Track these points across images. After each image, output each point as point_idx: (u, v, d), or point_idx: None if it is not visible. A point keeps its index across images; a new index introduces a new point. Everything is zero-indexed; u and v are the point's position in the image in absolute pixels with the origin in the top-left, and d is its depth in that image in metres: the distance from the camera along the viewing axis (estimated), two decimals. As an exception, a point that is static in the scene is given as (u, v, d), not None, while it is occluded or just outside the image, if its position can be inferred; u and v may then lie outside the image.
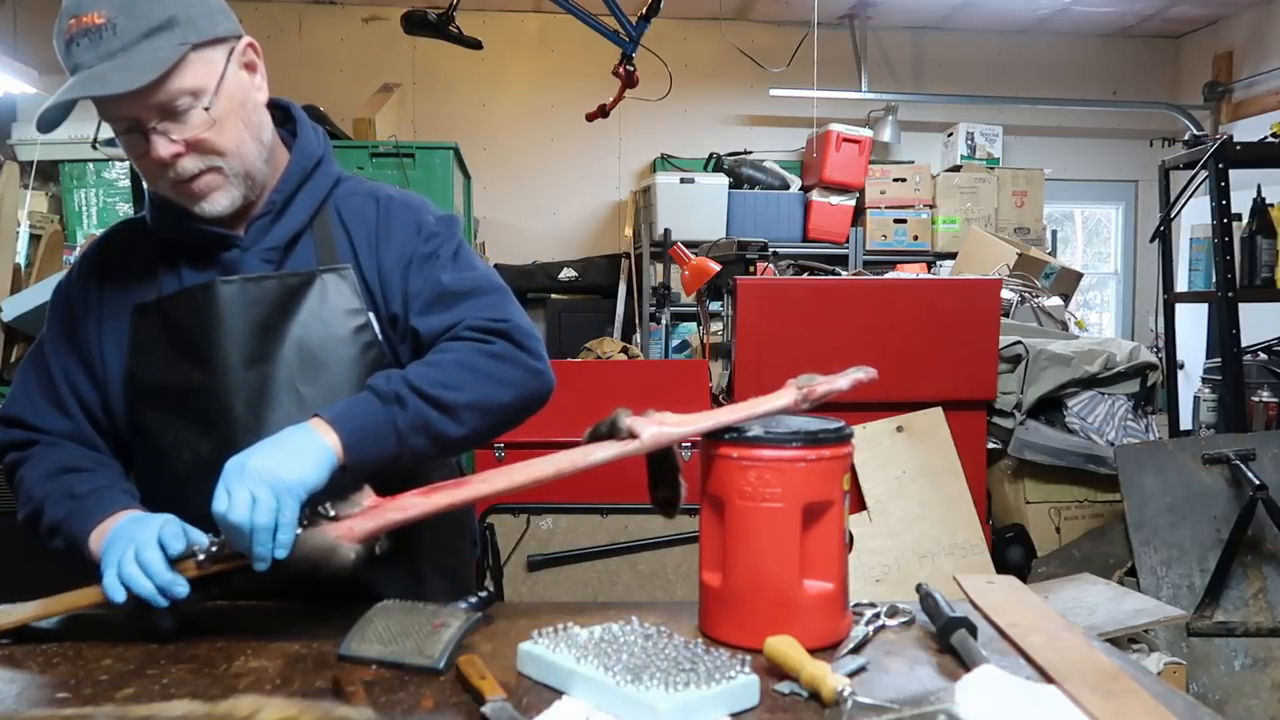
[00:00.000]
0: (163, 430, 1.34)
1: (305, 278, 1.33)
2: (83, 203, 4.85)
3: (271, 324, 1.31)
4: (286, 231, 1.36)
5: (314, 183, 1.38)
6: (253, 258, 1.34)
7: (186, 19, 1.22)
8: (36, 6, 5.44)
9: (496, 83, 5.83)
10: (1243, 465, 2.83)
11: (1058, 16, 5.82)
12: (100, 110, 1.24)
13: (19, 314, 3.25)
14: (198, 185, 1.27)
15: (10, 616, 1.22)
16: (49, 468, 1.34)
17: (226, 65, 1.27)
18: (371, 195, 1.41)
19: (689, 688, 0.97)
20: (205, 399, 1.31)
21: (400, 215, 1.39)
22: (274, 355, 1.31)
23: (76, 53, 1.20)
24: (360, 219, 1.39)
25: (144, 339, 1.34)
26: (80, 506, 1.28)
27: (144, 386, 1.34)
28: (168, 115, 1.23)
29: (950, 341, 3.12)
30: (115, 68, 1.18)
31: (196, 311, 1.31)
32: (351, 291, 1.34)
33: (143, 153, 1.25)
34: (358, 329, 1.34)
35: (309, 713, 0.93)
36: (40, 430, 1.38)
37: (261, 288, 1.32)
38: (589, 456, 1.19)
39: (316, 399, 1.30)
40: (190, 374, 1.32)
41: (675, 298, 4.72)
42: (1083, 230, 6.85)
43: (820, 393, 1.22)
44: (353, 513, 1.17)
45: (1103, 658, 1.12)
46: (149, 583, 1.16)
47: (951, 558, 3.03)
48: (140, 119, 1.22)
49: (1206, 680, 2.74)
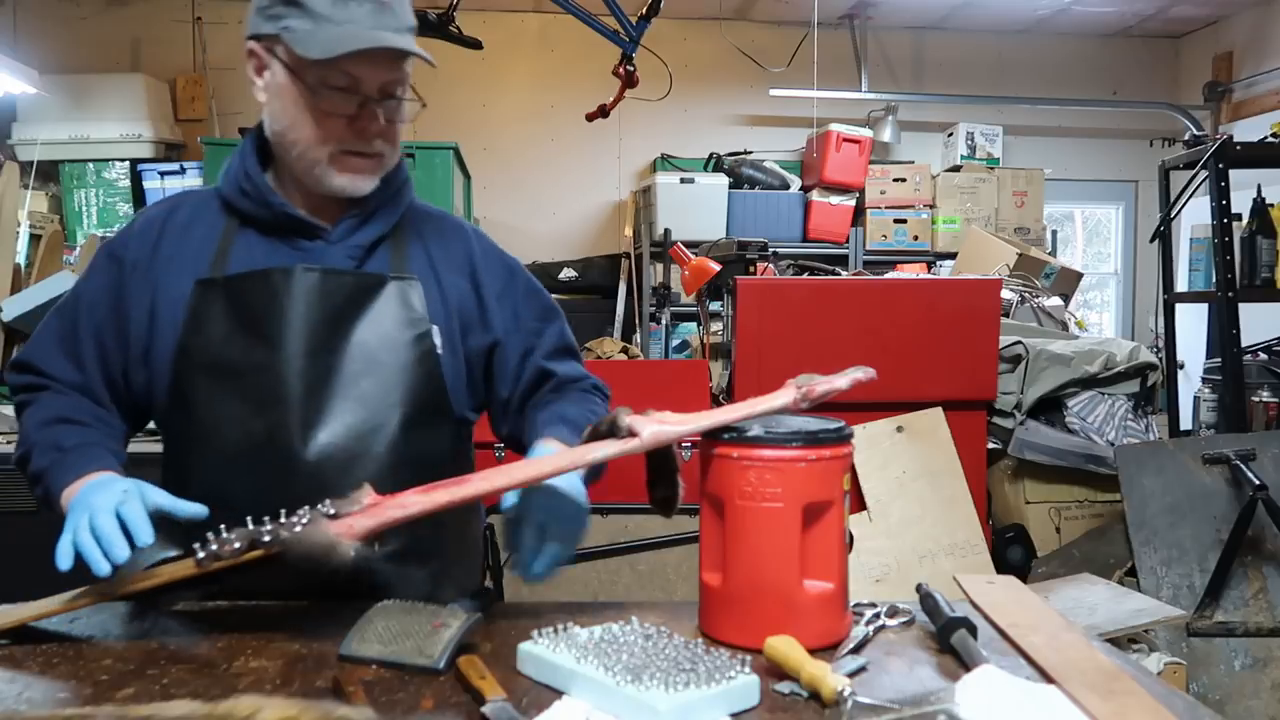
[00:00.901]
0: (212, 405, 1.36)
1: (379, 280, 1.40)
2: (83, 203, 4.86)
3: (341, 318, 1.36)
4: (371, 234, 1.42)
5: (401, 196, 1.46)
6: (338, 252, 1.40)
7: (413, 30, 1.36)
8: (36, 6, 5.44)
9: (496, 83, 5.83)
10: (1243, 465, 2.83)
11: (1058, 16, 5.82)
12: (338, 64, 1.28)
13: (19, 314, 3.25)
14: (363, 162, 1.36)
15: (10, 616, 1.22)
16: (47, 415, 1.37)
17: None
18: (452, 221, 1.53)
19: (689, 688, 0.97)
20: (266, 379, 1.34)
21: (492, 250, 1.52)
22: (339, 348, 1.36)
23: (356, 13, 1.28)
24: (444, 240, 1.48)
25: (206, 313, 1.36)
26: (62, 460, 1.30)
27: (198, 360, 1.36)
28: (388, 97, 1.33)
29: (950, 341, 3.11)
30: (405, 43, 1.30)
31: (273, 293, 1.35)
32: (419, 302, 1.41)
33: (341, 113, 1.31)
34: (417, 338, 1.40)
35: (309, 713, 0.93)
36: (50, 377, 1.41)
37: (340, 282, 1.37)
38: (589, 455, 1.20)
39: (371, 396, 1.36)
40: (253, 353, 1.35)
41: (675, 298, 4.72)
42: (1083, 230, 6.85)
43: (819, 392, 1.22)
44: (352, 510, 1.17)
45: (1103, 658, 1.12)
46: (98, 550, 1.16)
47: (951, 558, 3.03)
48: (365, 86, 1.31)
49: (1206, 680, 2.74)
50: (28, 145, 4.71)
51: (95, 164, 4.85)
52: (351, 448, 1.35)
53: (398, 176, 1.45)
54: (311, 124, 1.32)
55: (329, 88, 1.30)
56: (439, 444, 1.43)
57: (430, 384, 1.40)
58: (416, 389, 1.39)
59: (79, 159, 4.84)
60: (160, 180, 4.84)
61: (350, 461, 1.34)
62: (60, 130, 4.80)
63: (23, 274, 3.71)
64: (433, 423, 1.42)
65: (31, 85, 4.32)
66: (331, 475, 1.31)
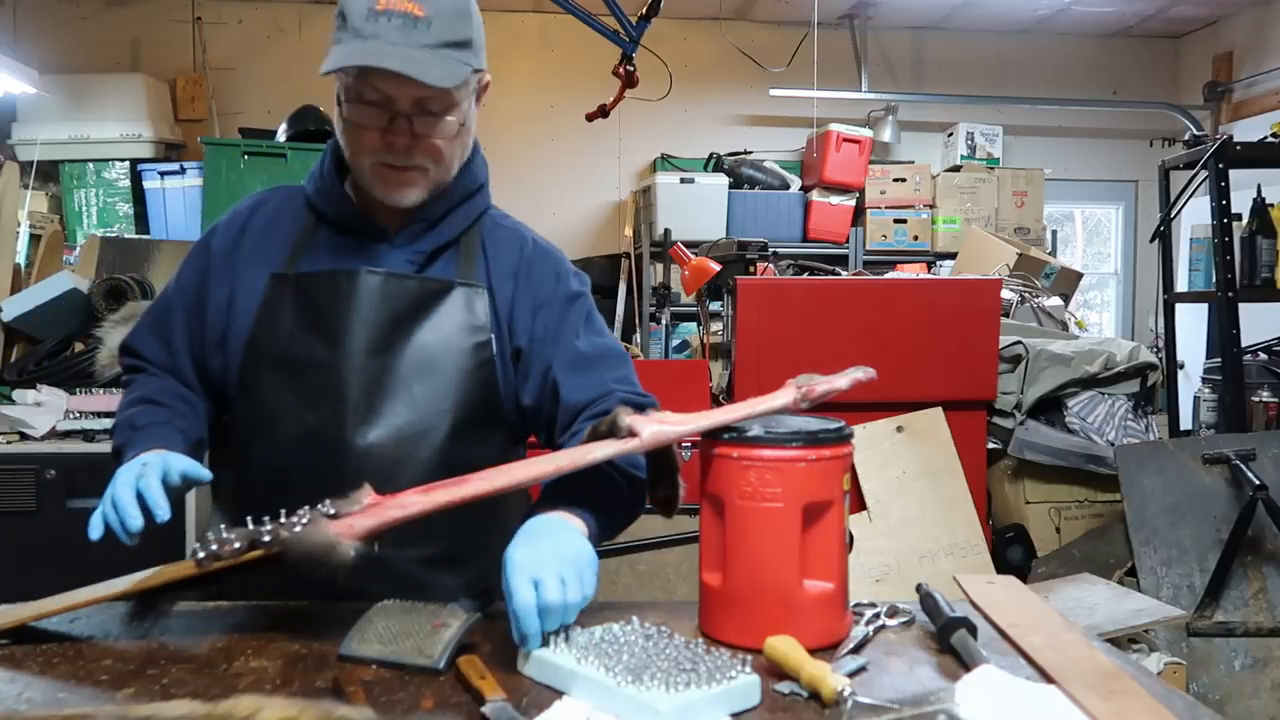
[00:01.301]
0: (273, 395, 1.39)
1: (443, 286, 1.42)
2: (83, 203, 4.85)
3: (402, 320, 1.39)
4: (436, 241, 1.44)
5: (471, 205, 1.48)
6: (399, 256, 1.42)
7: (476, 46, 1.36)
8: (36, 6, 5.44)
9: (496, 83, 5.75)
10: (1243, 465, 2.83)
11: (1058, 16, 5.82)
12: (370, 79, 1.30)
13: (19, 314, 3.24)
14: (404, 176, 1.36)
15: (10, 616, 1.22)
16: (136, 395, 1.44)
17: (474, 92, 1.40)
18: (517, 232, 1.52)
19: (690, 688, 0.97)
20: (324, 375, 1.37)
21: (543, 259, 1.50)
22: (397, 350, 1.38)
23: (385, 27, 1.28)
24: (503, 251, 1.48)
25: (275, 306, 1.40)
26: (132, 438, 1.35)
27: (265, 351, 1.40)
28: (423, 112, 1.33)
29: (950, 341, 3.11)
30: (425, 59, 1.28)
31: (338, 293, 1.38)
32: (483, 310, 1.42)
33: (375, 127, 1.33)
34: (478, 345, 1.41)
35: (309, 713, 0.93)
36: (145, 359, 1.48)
37: (403, 285, 1.40)
38: (588, 455, 1.20)
39: (425, 400, 1.38)
40: (314, 349, 1.38)
41: (675, 298, 4.72)
42: (1083, 230, 6.85)
43: (819, 392, 1.22)
44: (353, 510, 1.17)
45: (1103, 658, 1.12)
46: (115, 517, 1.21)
47: (951, 558, 3.03)
48: (398, 103, 1.31)
49: (1206, 680, 2.74)
50: (28, 145, 4.71)
51: (95, 164, 4.84)
52: (399, 448, 1.37)
53: (468, 185, 1.46)
54: (349, 135, 1.36)
55: (361, 102, 1.32)
56: (488, 452, 1.41)
57: (484, 392, 1.41)
58: (469, 396, 1.40)
59: (79, 159, 4.83)
60: (160, 180, 4.83)
61: (396, 462, 1.36)
62: (60, 130, 4.79)
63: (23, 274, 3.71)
64: (483, 431, 1.43)
65: (31, 85, 4.31)
66: (377, 474, 1.30)
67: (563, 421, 1.42)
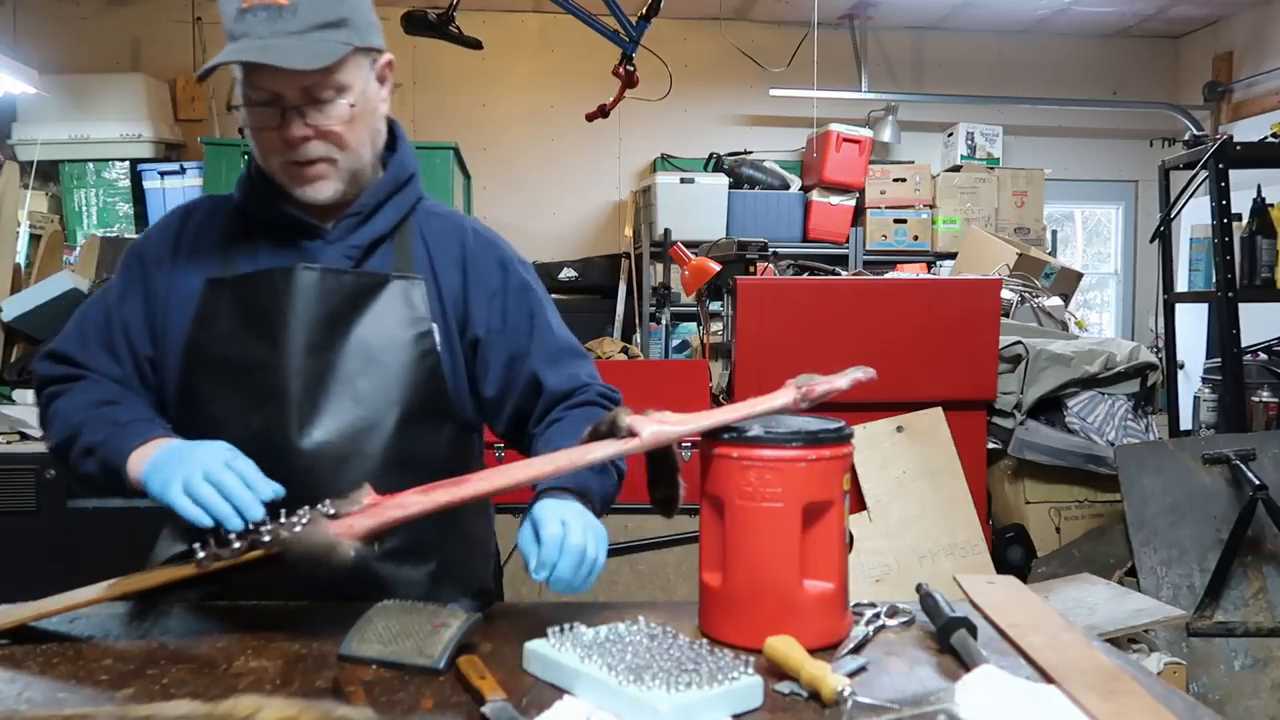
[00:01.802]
0: (215, 400, 1.38)
1: (380, 279, 1.41)
2: (83, 203, 4.85)
3: (340, 316, 1.38)
4: (371, 234, 1.43)
5: (403, 195, 1.46)
6: (335, 252, 1.41)
7: (355, 24, 1.32)
8: (36, 6, 5.44)
9: (496, 83, 5.83)
10: (1243, 465, 2.83)
11: (1058, 16, 5.81)
12: (250, 78, 1.30)
13: (19, 314, 3.24)
14: (311, 170, 1.35)
15: (10, 616, 1.22)
16: (92, 398, 1.38)
17: (370, 72, 1.37)
18: (455, 220, 1.51)
19: (691, 688, 0.97)
20: (265, 376, 1.36)
21: (487, 247, 1.49)
22: (337, 346, 1.37)
23: (251, 22, 1.26)
24: (444, 240, 1.47)
25: (213, 311, 1.39)
26: (120, 432, 1.31)
27: (204, 356, 1.39)
28: (312, 101, 1.31)
29: (950, 341, 3.11)
30: (289, 47, 1.26)
31: (274, 292, 1.37)
32: (421, 301, 1.41)
33: (271, 126, 1.31)
34: (419, 336, 1.40)
35: (309, 713, 0.93)
36: (88, 369, 1.42)
37: (340, 281, 1.39)
38: (588, 455, 1.20)
39: (369, 394, 1.37)
40: (254, 351, 1.37)
41: (675, 298, 4.72)
42: (1083, 230, 6.85)
43: (819, 392, 1.22)
44: (352, 510, 1.17)
45: (1103, 658, 1.12)
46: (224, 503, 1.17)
47: (951, 558, 3.03)
48: (286, 97, 1.30)
49: (1206, 680, 2.74)
50: (28, 145, 4.71)
51: (95, 164, 4.84)
52: (346, 445, 1.36)
53: (398, 176, 1.45)
54: (253, 141, 1.36)
55: (251, 105, 1.31)
56: (437, 444, 1.43)
57: (430, 383, 1.41)
58: (415, 388, 1.39)
59: (79, 159, 4.83)
60: (160, 180, 4.84)
61: (344, 459, 1.35)
62: (60, 130, 4.79)
63: (23, 274, 3.71)
64: (432, 423, 1.42)
65: (31, 85, 4.31)
66: (326, 472, 1.32)
67: (540, 411, 1.43)
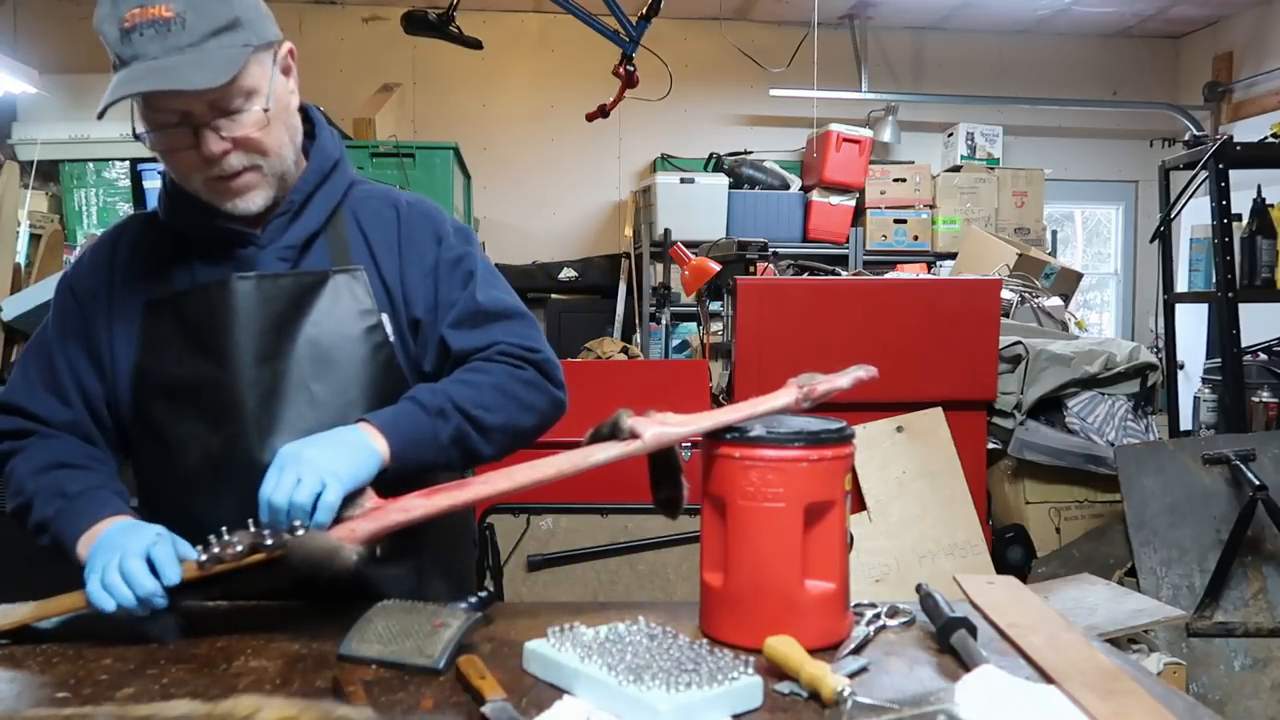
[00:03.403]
0: (171, 425, 1.34)
1: (320, 277, 1.35)
2: (83, 202, 4.85)
3: (285, 321, 1.33)
4: (303, 231, 1.37)
5: (331, 184, 1.40)
6: (269, 256, 1.36)
7: (248, 21, 1.24)
8: (36, 6, 5.44)
9: (496, 83, 5.83)
10: (1243, 465, 2.83)
11: (1058, 17, 5.82)
12: (152, 102, 1.23)
13: (19, 314, 3.24)
14: (237, 183, 1.29)
15: (10, 617, 1.22)
16: (42, 462, 1.33)
17: (274, 67, 1.29)
18: (389, 200, 1.44)
19: (691, 688, 0.97)
20: (217, 394, 1.32)
21: (420, 223, 1.42)
22: (287, 352, 1.33)
23: (139, 42, 1.19)
24: (379, 223, 1.41)
25: (156, 334, 1.35)
26: (70, 507, 1.28)
27: (154, 381, 1.35)
28: (222, 113, 1.24)
29: (950, 341, 3.11)
30: (187, 63, 1.19)
31: (212, 307, 1.32)
32: (365, 292, 1.36)
33: (186, 147, 1.25)
34: (369, 329, 1.36)
35: (309, 713, 0.93)
36: (38, 418, 1.37)
37: (278, 285, 1.34)
38: (591, 457, 1.20)
39: (326, 397, 1.33)
40: (203, 369, 1.32)
41: (675, 298, 4.72)
42: (1083, 230, 6.85)
43: (821, 391, 1.22)
44: (355, 514, 1.17)
45: (1103, 658, 1.11)
46: (130, 592, 1.16)
47: (951, 558, 3.02)
48: (194, 114, 1.23)
49: (1206, 680, 2.74)
50: (28, 145, 4.70)
51: (95, 164, 4.83)
52: None
53: (321, 166, 1.39)
54: (171, 164, 1.29)
55: (159, 129, 1.25)
56: None
57: (388, 375, 1.37)
58: (374, 383, 1.35)
59: (79, 159, 4.83)
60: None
61: None
62: (60, 130, 4.78)
63: (23, 274, 3.71)
64: None
65: (31, 85, 4.31)
66: None
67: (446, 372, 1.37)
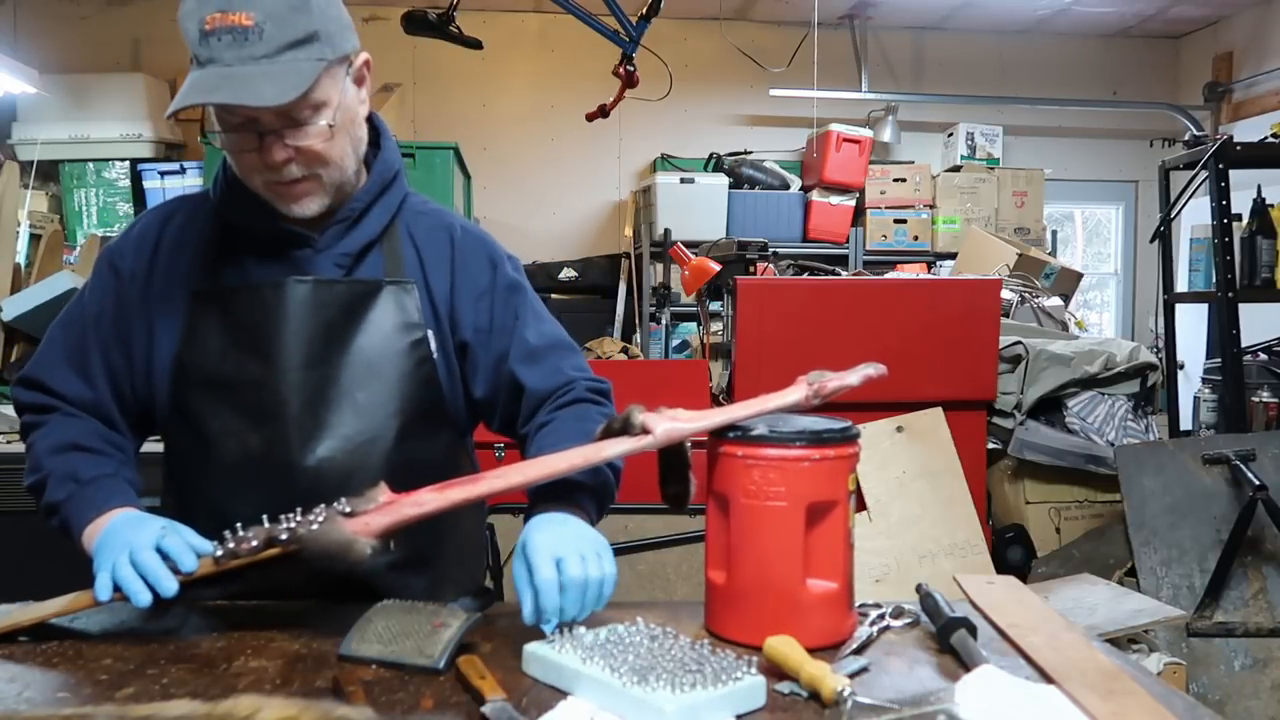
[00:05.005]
0: (210, 419, 1.34)
1: (373, 286, 1.36)
2: (82, 202, 4.85)
3: (336, 328, 1.34)
4: (360, 240, 1.38)
5: (389, 196, 1.41)
6: (325, 261, 1.36)
7: (326, 35, 1.24)
8: (36, 6, 5.44)
9: (496, 83, 5.83)
10: (1243, 465, 2.83)
11: (1058, 17, 5.82)
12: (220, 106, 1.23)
13: (19, 314, 3.25)
14: (296, 189, 1.29)
15: (10, 619, 1.22)
16: (59, 441, 1.34)
17: (347, 79, 1.30)
18: (443, 220, 1.45)
19: (695, 689, 0.97)
20: (261, 394, 1.32)
21: (475, 246, 1.44)
22: (335, 359, 1.33)
23: (216, 47, 1.19)
24: (433, 242, 1.42)
25: (200, 326, 1.35)
26: (80, 493, 1.28)
27: (194, 374, 1.35)
28: (289, 123, 1.24)
29: (950, 341, 3.11)
30: (259, 75, 1.19)
31: (265, 307, 1.32)
32: (414, 306, 1.37)
33: (250, 149, 1.26)
34: (414, 343, 1.37)
35: (309, 713, 0.93)
36: (61, 396, 1.38)
37: (332, 291, 1.34)
38: (603, 451, 1.20)
39: (371, 406, 1.34)
40: (248, 367, 1.33)
41: (675, 298, 4.72)
42: (1083, 230, 6.85)
43: (831, 388, 1.22)
44: (368, 508, 1.17)
45: (1103, 658, 1.11)
46: (140, 583, 1.16)
47: (951, 558, 3.02)
48: (261, 121, 1.23)
49: (1206, 680, 2.74)
50: (28, 145, 4.71)
51: (95, 164, 4.84)
52: (349, 460, 1.33)
53: (383, 176, 1.40)
54: (235, 161, 1.30)
55: (227, 130, 1.26)
56: (433, 452, 1.41)
57: (427, 390, 1.38)
58: (413, 397, 1.36)
59: (79, 159, 4.83)
60: (160, 180, 4.84)
61: (348, 474, 1.31)
62: (60, 130, 4.79)
63: (23, 274, 3.71)
64: (428, 431, 1.40)
65: (31, 85, 4.31)
66: (330, 489, 1.27)
67: (525, 412, 1.39)
